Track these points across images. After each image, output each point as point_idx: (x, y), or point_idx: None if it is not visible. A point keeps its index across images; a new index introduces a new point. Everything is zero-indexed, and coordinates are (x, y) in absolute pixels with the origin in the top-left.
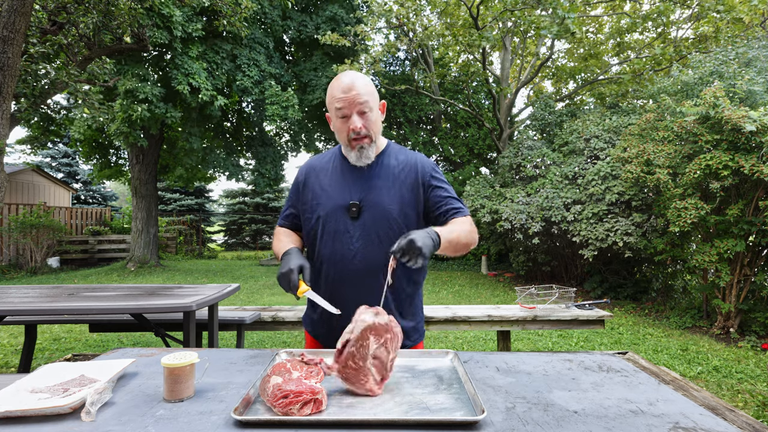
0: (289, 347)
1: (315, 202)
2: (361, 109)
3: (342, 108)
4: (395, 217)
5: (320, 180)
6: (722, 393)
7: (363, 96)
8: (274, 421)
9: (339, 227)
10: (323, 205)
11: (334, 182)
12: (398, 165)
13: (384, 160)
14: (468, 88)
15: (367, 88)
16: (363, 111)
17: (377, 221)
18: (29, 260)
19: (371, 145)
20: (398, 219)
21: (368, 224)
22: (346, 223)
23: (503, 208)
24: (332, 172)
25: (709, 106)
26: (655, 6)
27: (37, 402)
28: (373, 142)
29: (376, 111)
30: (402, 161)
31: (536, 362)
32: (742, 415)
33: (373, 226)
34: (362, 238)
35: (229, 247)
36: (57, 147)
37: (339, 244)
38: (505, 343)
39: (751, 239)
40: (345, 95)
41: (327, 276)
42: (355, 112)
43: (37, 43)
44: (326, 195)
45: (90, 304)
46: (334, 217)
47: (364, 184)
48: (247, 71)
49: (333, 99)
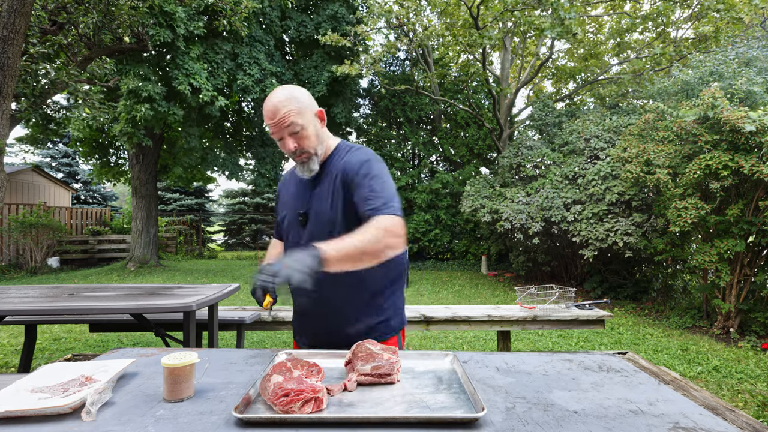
0: (289, 347)
1: (281, 213)
2: (290, 130)
3: (273, 133)
4: (338, 223)
5: (285, 190)
6: (722, 393)
7: (289, 118)
8: (275, 420)
9: (293, 236)
10: (284, 216)
11: (290, 193)
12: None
13: (327, 166)
14: (468, 88)
15: (293, 107)
16: (293, 132)
17: (321, 229)
18: (29, 260)
19: (312, 159)
20: (341, 224)
21: (314, 232)
22: (298, 231)
23: (503, 208)
24: (291, 183)
25: (707, 107)
26: (655, 6)
27: (37, 402)
28: (314, 155)
29: (311, 125)
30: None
31: (536, 362)
32: (742, 415)
33: (318, 233)
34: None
35: (229, 247)
36: (57, 147)
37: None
38: (505, 343)
39: (751, 239)
40: (271, 122)
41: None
42: (285, 135)
43: (37, 43)
44: (286, 206)
45: (90, 304)
46: (290, 227)
47: (310, 193)
48: (249, 70)
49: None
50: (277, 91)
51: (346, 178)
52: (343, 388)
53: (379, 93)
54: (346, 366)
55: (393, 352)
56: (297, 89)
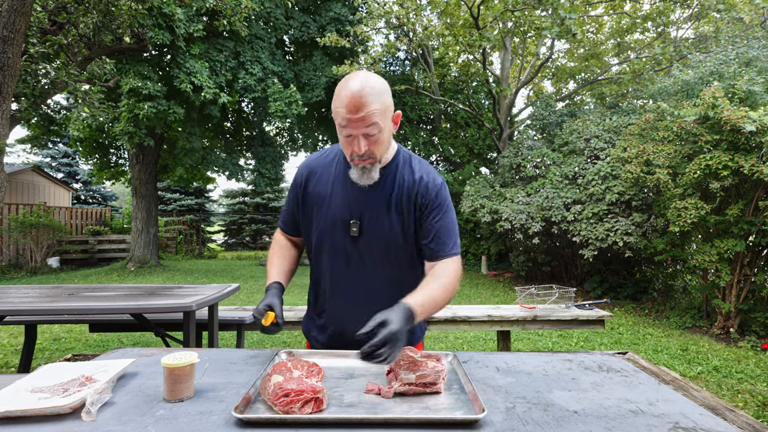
0: (289, 347)
1: (315, 213)
2: (368, 131)
3: (346, 127)
4: (396, 239)
5: (320, 187)
6: (722, 393)
7: (374, 116)
8: (275, 420)
9: (337, 244)
10: (323, 218)
11: (335, 193)
12: (404, 183)
13: (389, 175)
14: (468, 88)
15: (380, 104)
16: (371, 134)
17: (377, 243)
18: (29, 260)
19: (375, 166)
20: (399, 241)
21: (368, 245)
22: (345, 241)
23: (503, 208)
24: (334, 181)
25: (707, 107)
26: (655, 6)
27: (37, 402)
28: (377, 162)
29: (388, 128)
30: (408, 179)
31: (536, 362)
32: (742, 415)
33: (373, 247)
34: (361, 258)
35: (229, 247)
36: (57, 147)
37: (338, 263)
38: (505, 343)
39: (751, 239)
40: (353, 116)
41: (326, 291)
42: (361, 134)
43: (37, 43)
44: (326, 206)
45: (90, 304)
46: (332, 233)
47: (367, 200)
48: (251, 68)
49: (338, 112)
50: (362, 79)
51: (418, 200)
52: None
53: None
54: (388, 375)
55: (437, 360)
56: (381, 81)
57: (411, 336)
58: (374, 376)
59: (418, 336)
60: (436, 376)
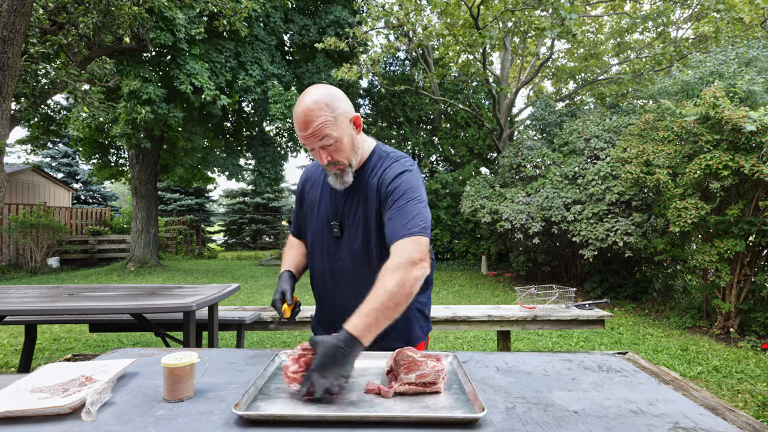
0: (289, 347)
1: (309, 216)
2: (323, 143)
3: (305, 143)
4: (372, 236)
5: (313, 192)
6: (722, 393)
7: (323, 131)
8: (276, 418)
9: (324, 245)
10: (314, 221)
11: (323, 197)
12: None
13: (365, 174)
14: (468, 88)
15: (328, 117)
16: (327, 145)
17: (356, 241)
18: (29, 260)
19: (346, 170)
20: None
21: (349, 244)
22: (330, 241)
23: (503, 208)
24: (322, 186)
25: (708, 107)
26: (655, 6)
27: (37, 402)
28: (348, 166)
29: (347, 135)
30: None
31: (536, 362)
32: (742, 415)
33: (353, 245)
34: (343, 257)
35: (229, 247)
36: (57, 147)
37: (325, 263)
38: (505, 343)
39: (751, 239)
40: (303, 133)
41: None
42: (318, 147)
43: (37, 43)
44: (317, 210)
45: (90, 304)
46: (321, 235)
47: (346, 201)
48: (251, 70)
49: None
50: (310, 95)
51: (382, 191)
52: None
53: (379, 93)
54: (388, 375)
55: (436, 359)
56: (331, 91)
57: (410, 336)
58: (374, 375)
59: (419, 336)
60: (435, 376)
